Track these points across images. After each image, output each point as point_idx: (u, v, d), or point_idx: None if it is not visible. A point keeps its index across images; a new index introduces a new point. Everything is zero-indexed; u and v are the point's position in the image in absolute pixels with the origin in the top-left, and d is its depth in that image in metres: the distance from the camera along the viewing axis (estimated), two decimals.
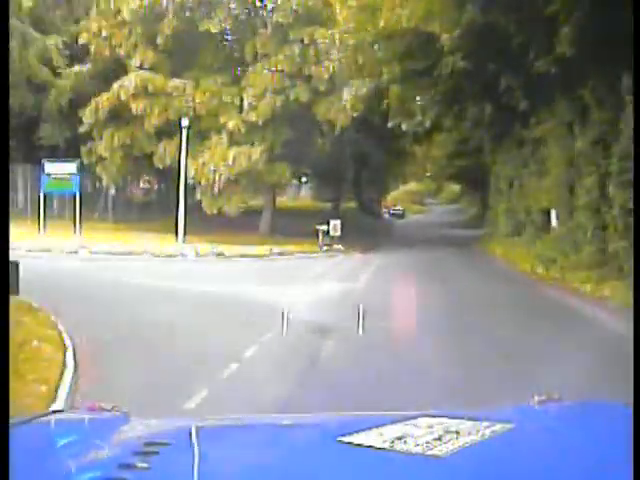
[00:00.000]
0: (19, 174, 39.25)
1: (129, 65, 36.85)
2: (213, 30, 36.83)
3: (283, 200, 56.50)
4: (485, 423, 1.98)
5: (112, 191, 44.26)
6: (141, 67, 36.47)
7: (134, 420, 2.26)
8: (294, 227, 37.38)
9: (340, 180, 51.59)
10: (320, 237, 34.49)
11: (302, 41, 36.44)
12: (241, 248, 30.75)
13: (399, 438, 1.82)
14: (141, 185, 46.99)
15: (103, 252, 27.66)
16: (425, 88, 32.11)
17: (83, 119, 36.75)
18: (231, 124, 35.39)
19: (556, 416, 2.35)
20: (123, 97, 35.29)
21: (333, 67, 35.66)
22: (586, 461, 1.76)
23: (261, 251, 31.23)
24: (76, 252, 27.40)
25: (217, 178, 34.70)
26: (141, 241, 30.84)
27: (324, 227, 34.99)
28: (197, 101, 35.70)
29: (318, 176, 54.66)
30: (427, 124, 36.02)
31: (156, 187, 47.44)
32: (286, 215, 43.36)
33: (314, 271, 25.24)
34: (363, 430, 1.90)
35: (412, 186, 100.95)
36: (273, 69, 36.34)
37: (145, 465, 1.66)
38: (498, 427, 1.95)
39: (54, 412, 3.17)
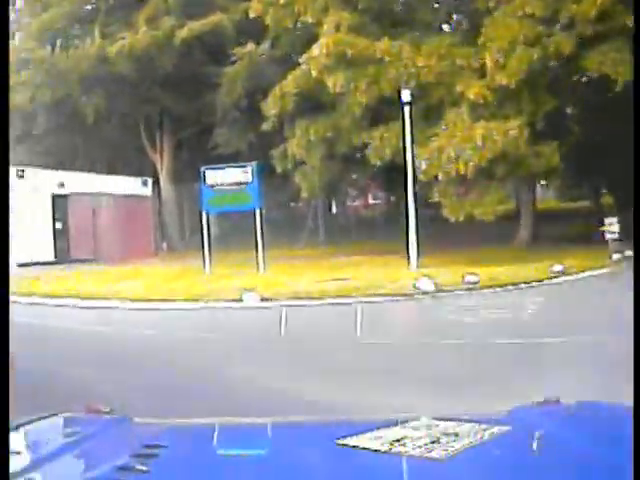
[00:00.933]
0: (191, 195, 32.38)
1: (320, 35, 27.86)
2: None
3: None
4: (483, 425, 1.97)
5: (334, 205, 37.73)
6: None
7: (133, 422, 2.27)
8: (554, 233, 29.26)
9: (600, 169, 39.95)
10: (610, 243, 25.06)
11: None
12: (501, 270, 20.44)
13: (397, 440, 1.81)
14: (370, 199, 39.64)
15: (286, 296, 17.71)
16: None
17: (266, 112, 28.54)
18: (472, 92, 25.02)
19: (555, 417, 2.27)
20: (315, 72, 26.12)
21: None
22: (586, 463, 1.72)
23: (535, 272, 20.37)
24: (240, 299, 17.43)
25: (462, 169, 23.89)
26: (358, 271, 21.49)
27: (613, 227, 25.47)
28: (420, 66, 25.70)
29: (571, 163, 43.30)
30: None
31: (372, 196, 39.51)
32: (538, 218, 33.77)
33: None
34: (361, 433, 1.90)
35: None
36: (520, 14, 25.66)
37: (144, 468, 1.66)
38: (497, 429, 1.95)
39: (54, 414, 2.41)
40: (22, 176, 30.33)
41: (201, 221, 25.05)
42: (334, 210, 39.11)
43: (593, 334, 10.56)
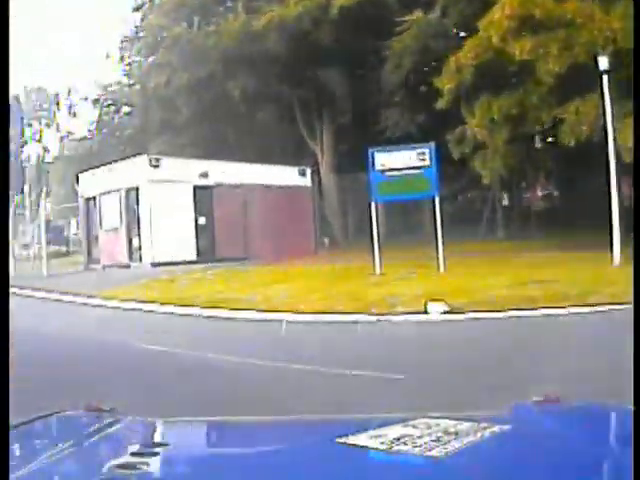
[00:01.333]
0: (354, 185, 30.36)
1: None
2: None
3: None
4: (484, 424, 1.98)
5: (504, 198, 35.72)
6: None
7: (134, 421, 2.29)
8: None
9: None
10: None
11: None
12: None
13: (398, 439, 1.81)
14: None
15: (482, 305, 14.74)
16: None
17: (440, 88, 26.00)
18: None
19: (555, 416, 2.26)
20: (496, 39, 23.39)
21: None
22: (586, 462, 1.74)
23: None
24: (426, 311, 14.52)
25: None
26: (558, 271, 18.36)
27: None
28: (616, 28, 22.57)
29: None
30: None
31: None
32: None
33: None
34: (362, 431, 1.90)
35: None
36: None
37: (144, 466, 1.68)
38: (497, 428, 1.96)
39: (54, 413, 2.47)
40: (157, 166, 28.63)
41: (370, 212, 22.44)
42: (504, 202, 36.62)
43: None
